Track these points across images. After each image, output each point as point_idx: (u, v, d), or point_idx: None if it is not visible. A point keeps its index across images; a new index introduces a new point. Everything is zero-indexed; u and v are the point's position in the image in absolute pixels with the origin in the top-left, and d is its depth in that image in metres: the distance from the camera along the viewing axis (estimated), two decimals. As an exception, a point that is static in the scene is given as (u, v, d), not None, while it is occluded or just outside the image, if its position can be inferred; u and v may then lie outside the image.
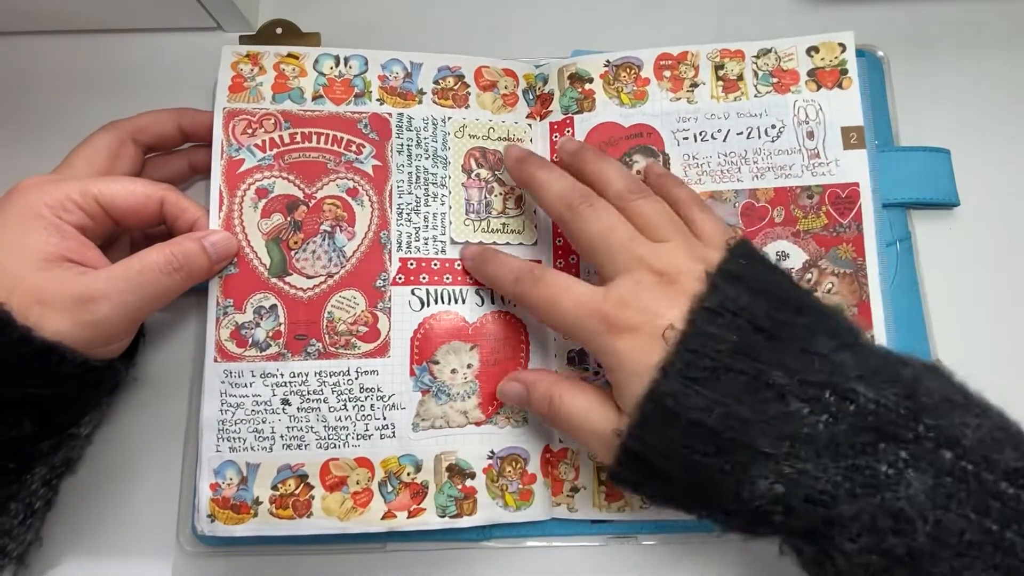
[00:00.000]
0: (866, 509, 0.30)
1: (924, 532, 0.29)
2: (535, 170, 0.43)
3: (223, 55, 0.46)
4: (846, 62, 0.48)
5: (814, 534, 0.31)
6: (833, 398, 0.31)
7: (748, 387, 0.32)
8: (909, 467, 0.30)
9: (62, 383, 0.38)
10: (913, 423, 0.31)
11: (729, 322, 0.33)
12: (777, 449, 0.31)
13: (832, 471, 0.30)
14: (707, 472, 0.32)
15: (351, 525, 0.42)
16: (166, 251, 0.40)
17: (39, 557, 0.44)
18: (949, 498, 0.29)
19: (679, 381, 0.33)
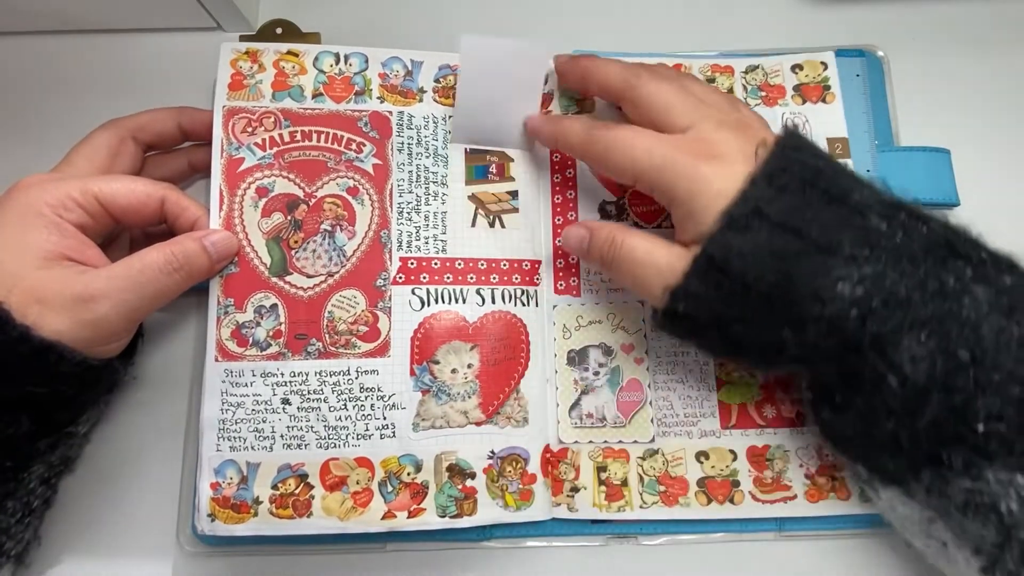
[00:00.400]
0: (936, 314, 0.32)
1: (989, 336, 0.32)
2: (590, 60, 0.44)
3: (222, 52, 0.46)
4: (828, 79, 0.50)
5: (879, 345, 0.33)
6: (908, 218, 0.34)
7: (831, 202, 0.34)
8: (975, 282, 0.33)
9: (60, 382, 0.38)
10: (977, 248, 0.34)
11: (811, 155, 0.36)
12: (859, 252, 0.33)
13: (908, 278, 0.33)
14: (789, 275, 0.34)
15: (351, 525, 0.42)
16: (166, 250, 0.40)
17: (39, 556, 0.44)
18: (1011, 310, 0.32)
19: (768, 189, 0.35)
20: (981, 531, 0.32)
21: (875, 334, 0.33)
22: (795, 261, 0.33)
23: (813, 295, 0.33)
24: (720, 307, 0.36)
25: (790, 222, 0.34)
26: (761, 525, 0.45)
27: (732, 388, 0.46)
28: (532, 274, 0.47)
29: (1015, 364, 0.31)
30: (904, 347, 0.32)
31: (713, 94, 0.41)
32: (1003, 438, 0.31)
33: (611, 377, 0.46)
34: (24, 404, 0.37)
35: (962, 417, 0.32)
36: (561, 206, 0.49)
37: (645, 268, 0.38)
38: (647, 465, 0.45)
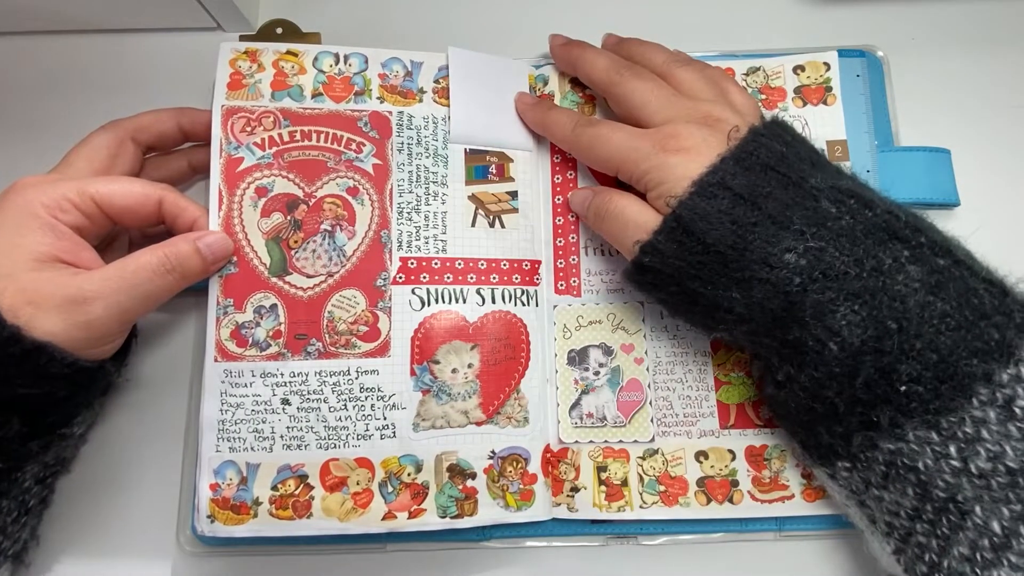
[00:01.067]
0: (868, 287, 0.36)
1: (915, 309, 0.35)
2: (581, 50, 0.48)
3: (221, 52, 0.46)
4: (830, 80, 0.50)
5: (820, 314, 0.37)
6: (856, 204, 0.38)
7: (788, 186, 0.38)
8: (910, 263, 0.37)
9: (51, 383, 0.38)
10: (916, 233, 0.38)
11: (778, 144, 0.40)
12: (807, 228, 0.37)
13: (847, 254, 0.37)
14: (743, 240, 0.38)
15: (351, 526, 0.42)
16: (159, 252, 0.40)
17: (38, 556, 0.44)
18: (938, 288, 0.36)
19: (735, 167, 0.38)
20: (899, 499, 0.36)
21: (815, 302, 0.37)
22: (751, 229, 0.37)
23: (763, 260, 0.37)
24: (681, 263, 0.39)
25: (749, 195, 0.38)
26: (761, 525, 0.45)
27: (730, 388, 0.46)
28: (532, 274, 0.47)
29: (935, 335, 0.35)
30: (840, 314, 0.36)
31: (697, 83, 0.44)
32: (921, 397, 0.35)
33: (611, 377, 0.46)
34: (15, 405, 0.37)
35: (888, 379, 0.36)
36: (561, 206, 0.49)
37: (625, 225, 0.42)
38: (647, 465, 0.45)
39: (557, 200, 0.49)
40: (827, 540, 0.45)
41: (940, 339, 0.35)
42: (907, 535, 0.37)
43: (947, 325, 0.35)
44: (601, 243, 0.48)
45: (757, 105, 0.44)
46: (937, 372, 0.35)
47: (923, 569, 0.36)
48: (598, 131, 0.44)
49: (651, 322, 0.47)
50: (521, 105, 0.49)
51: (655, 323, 0.47)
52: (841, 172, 0.41)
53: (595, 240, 0.48)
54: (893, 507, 0.37)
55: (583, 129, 0.45)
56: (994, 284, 0.37)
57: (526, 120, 0.49)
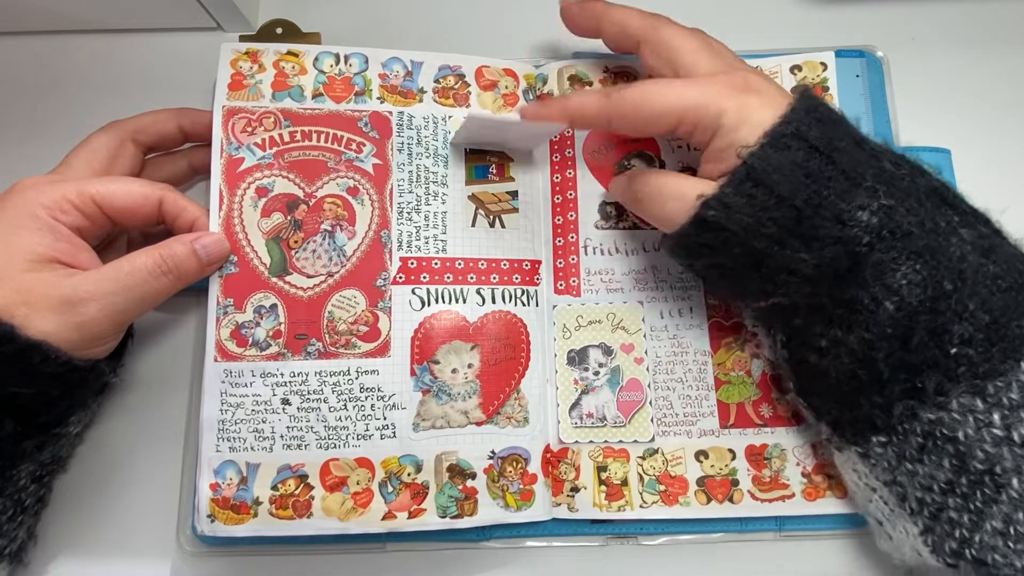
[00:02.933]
0: (929, 246, 0.36)
1: (969, 270, 0.35)
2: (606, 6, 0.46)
3: (222, 52, 0.46)
4: (827, 80, 0.50)
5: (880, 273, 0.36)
6: (910, 170, 0.38)
7: (855, 143, 0.38)
8: (960, 226, 0.37)
9: (45, 382, 0.38)
10: (962, 202, 0.39)
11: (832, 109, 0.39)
12: (878, 185, 0.36)
13: (914, 214, 0.36)
14: (818, 196, 0.36)
15: (351, 525, 0.42)
16: (155, 254, 0.40)
17: (38, 556, 0.44)
18: (989, 251, 0.36)
19: (807, 117, 0.37)
20: (934, 472, 0.36)
21: (878, 260, 0.36)
22: (826, 183, 0.36)
23: (836, 217, 0.36)
24: (750, 220, 0.37)
25: (824, 148, 0.37)
26: (761, 525, 0.45)
27: (730, 388, 0.46)
28: (532, 274, 0.47)
29: (988, 295, 0.35)
30: (901, 273, 0.36)
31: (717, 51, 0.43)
32: (970, 360, 0.35)
33: (611, 377, 0.46)
34: (8, 404, 0.37)
35: (939, 341, 0.35)
36: (561, 206, 0.49)
37: (667, 195, 0.40)
38: (647, 465, 0.45)
39: (557, 200, 0.49)
40: (827, 540, 0.45)
41: (993, 300, 0.35)
42: (938, 511, 0.36)
43: (998, 287, 0.35)
44: (601, 243, 0.48)
45: None
46: (989, 334, 0.35)
47: (952, 546, 0.35)
48: (644, 88, 0.40)
49: (651, 322, 0.47)
50: (531, 112, 0.43)
51: (655, 323, 0.47)
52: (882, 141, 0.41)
53: (595, 239, 0.48)
54: (926, 481, 0.36)
55: (622, 93, 0.40)
56: None
57: (547, 118, 0.43)
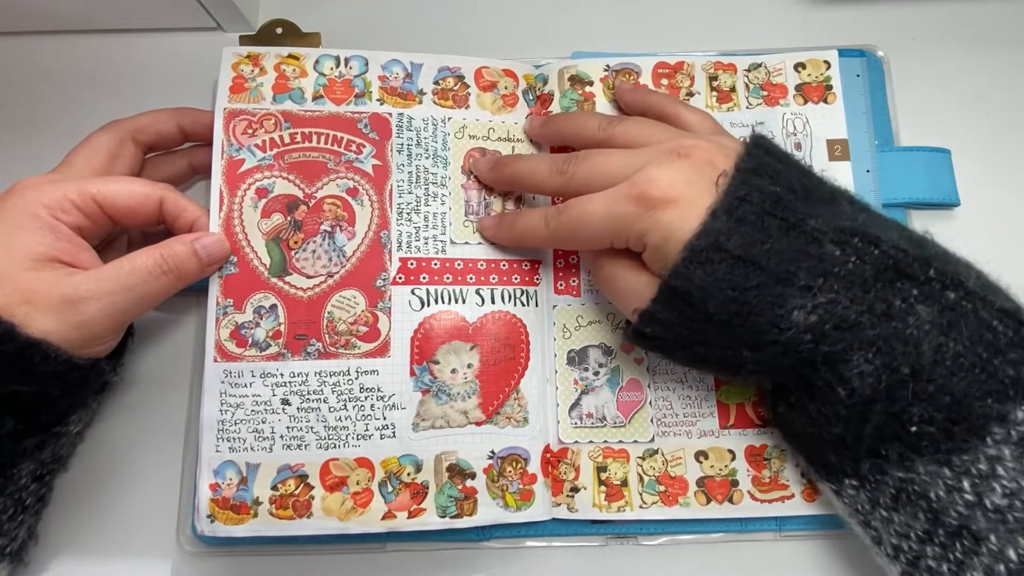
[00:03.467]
0: (882, 334, 0.35)
1: (927, 353, 0.34)
2: (514, 165, 0.45)
3: (224, 56, 0.46)
4: (831, 78, 0.50)
5: (831, 362, 0.35)
6: (860, 243, 0.36)
7: (788, 231, 0.35)
8: (919, 302, 0.35)
9: (45, 381, 0.38)
10: (925, 267, 0.35)
11: (769, 181, 0.36)
12: (813, 283, 0.35)
13: (858, 303, 0.35)
14: (747, 305, 0.35)
15: (351, 525, 0.42)
16: (156, 254, 0.40)
17: (38, 556, 0.44)
18: (950, 327, 0.34)
19: (729, 222, 0.35)
20: (910, 522, 0.35)
21: (827, 353, 0.35)
22: (754, 292, 0.35)
23: (771, 323, 0.35)
24: (683, 331, 0.38)
25: (748, 255, 0.35)
26: (761, 525, 0.45)
27: (730, 388, 0.46)
28: (532, 274, 0.47)
29: (948, 377, 0.34)
30: (853, 364, 0.35)
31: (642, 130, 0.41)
32: (932, 437, 0.34)
33: (611, 377, 0.46)
34: (9, 403, 0.37)
35: (899, 420, 0.35)
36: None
37: (618, 291, 0.40)
38: (647, 465, 0.45)
39: (557, 200, 0.49)
40: (827, 540, 0.45)
41: (953, 381, 0.34)
42: (916, 558, 0.35)
43: (960, 366, 0.34)
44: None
45: (715, 121, 0.43)
46: (950, 414, 0.34)
47: None
48: (571, 213, 0.40)
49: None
50: (487, 231, 0.46)
51: (655, 323, 0.47)
52: (837, 196, 0.39)
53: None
54: (903, 529, 0.36)
55: (557, 220, 0.41)
56: (1008, 314, 0.35)
57: (497, 241, 0.46)
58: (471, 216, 0.47)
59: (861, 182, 0.48)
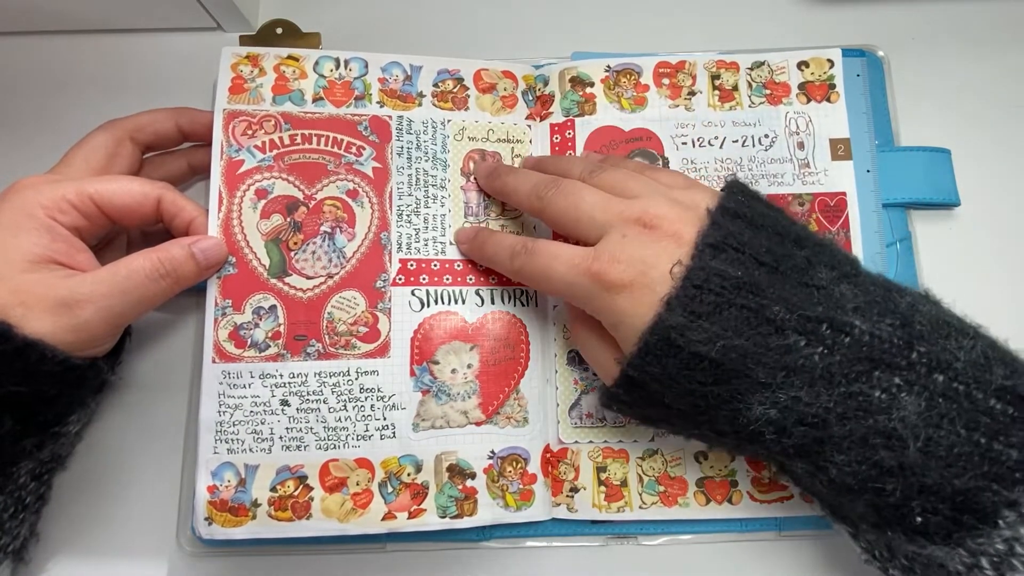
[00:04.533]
0: (857, 430, 0.32)
1: (915, 448, 0.31)
2: (504, 178, 0.44)
3: (223, 56, 0.46)
4: (834, 77, 0.49)
5: (802, 454, 0.33)
6: (829, 331, 0.33)
7: (749, 321, 0.33)
8: (903, 392, 0.32)
9: (42, 381, 0.38)
10: (907, 351, 0.32)
11: (733, 257, 0.34)
12: (773, 379, 0.33)
13: (824, 398, 0.32)
14: (704, 399, 0.34)
15: (351, 526, 0.42)
16: (153, 257, 0.40)
17: (38, 555, 0.44)
18: (941, 417, 0.31)
19: (683, 315, 0.33)
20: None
21: (796, 446, 0.33)
22: (711, 388, 0.34)
23: (730, 417, 0.34)
24: (648, 413, 0.38)
25: (703, 351, 0.33)
26: (761, 525, 0.45)
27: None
28: (532, 275, 0.47)
29: (944, 469, 0.31)
30: (826, 457, 0.33)
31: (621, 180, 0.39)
32: (940, 525, 0.32)
33: (611, 377, 0.46)
34: (7, 403, 0.37)
35: (899, 511, 0.32)
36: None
37: (592, 360, 0.40)
38: (646, 465, 0.45)
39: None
40: (827, 540, 0.45)
41: (950, 472, 0.31)
42: None
43: (956, 458, 0.31)
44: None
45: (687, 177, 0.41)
46: (955, 504, 0.31)
47: None
48: (536, 262, 0.39)
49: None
50: (461, 244, 0.46)
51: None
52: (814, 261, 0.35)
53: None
54: None
55: (521, 262, 0.40)
56: (1006, 391, 0.32)
57: (468, 256, 0.46)
58: (470, 218, 0.47)
59: (861, 182, 0.48)
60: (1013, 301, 0.49)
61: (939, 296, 0.36)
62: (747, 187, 0.38)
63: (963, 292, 0.49)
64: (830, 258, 0.35)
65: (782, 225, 0.36)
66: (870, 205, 0.48)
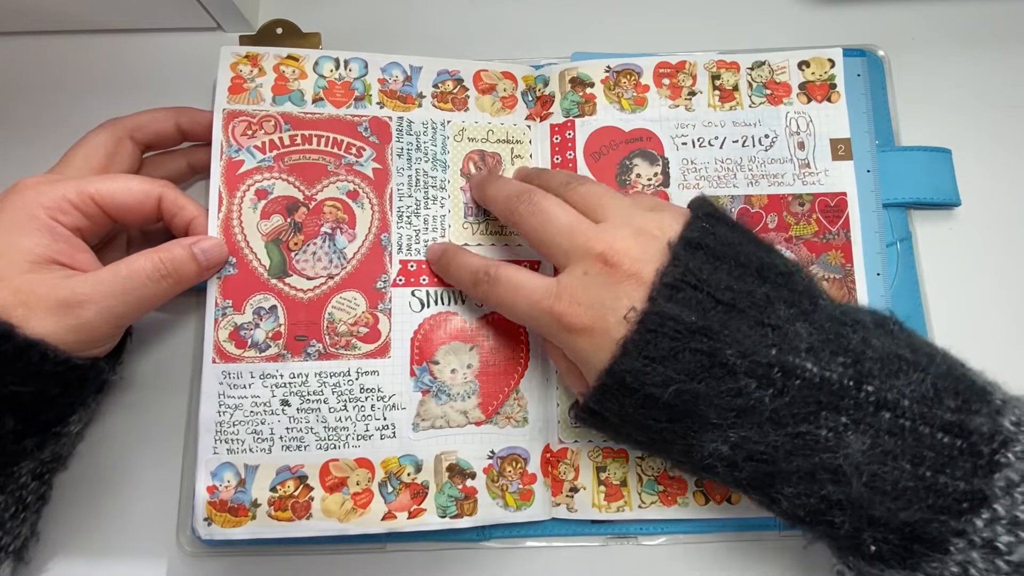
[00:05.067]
0: (804, 466, 0.33)
1: (860, 484, 0.32)
2: (486, 187, 0.44)
3: (222, 56, 0.46)
4: (835, 77, 0.49)
5: (756, 484, 0.34)
6: (780, 375, 0.33)
7: (702, 364, 0.34)
8: (849, 431, 0.32)
9: (44, 381, 0.38)
10: (855, 390, 0.33)
11: (689, 297, 0.34)
12: (724, 420, 0.34)
13: (772, 437, 0.33)
14: (659, 434, 0.36)
15: (351, 526, 0.42)
16: (154, 257, 0.40)
17: (38, 555, 0.44)
18: (885, 454, 0.32)
19: (638, 359, 0.34)
20: None
21: (747, 479, 0.34)
22: (665, 426, 0.35)
23: (684, 452, 0.35)
24: (615, 437, 0.40)
25: (656, 394, 0.34)
26: (761, 525, 0.45)
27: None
28: (532, 275, 0.47)
29: (891, 502, 0.32)
30: (777, 489, 0.34)
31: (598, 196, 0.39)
32: (893, 553, 0.32)
33: (611, 377, 0.46)
34: (8, 403, 0.37)
35: (851, 540, 0.33)
36: (561, 207, 0.49)
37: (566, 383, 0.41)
38: (646, 465, 0.45)
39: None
40: (826, 540, 0.45)
41: (896, 505, 0.32)
42: None
43: (902, 492, 0.32)
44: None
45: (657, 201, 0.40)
46: (904, 534, 0.32)
47: None
48: (497, 291, 0.40)
49: None
50: (431, 259, 0.45)
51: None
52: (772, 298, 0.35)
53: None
54: None
55: (485, 289, 0.41)
56: (953, 426, 0.32)
57: (435, 267, 0.45)
58: (470, 218, 0.47)
59: (862, 182, 0.48)
60: (1013, 301, 0.49)
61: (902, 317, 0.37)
62: (713, 208, 0.38)
63: (963, 292, 0.49)
64: (789, 293, 0.36)
65: (745, 254, 0.36)
66: (870, 205, 0.47)
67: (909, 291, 0.48)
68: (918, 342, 0.35)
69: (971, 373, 0.35)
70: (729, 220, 0.38)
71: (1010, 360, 0.48)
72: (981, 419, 0.32)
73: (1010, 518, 0.31)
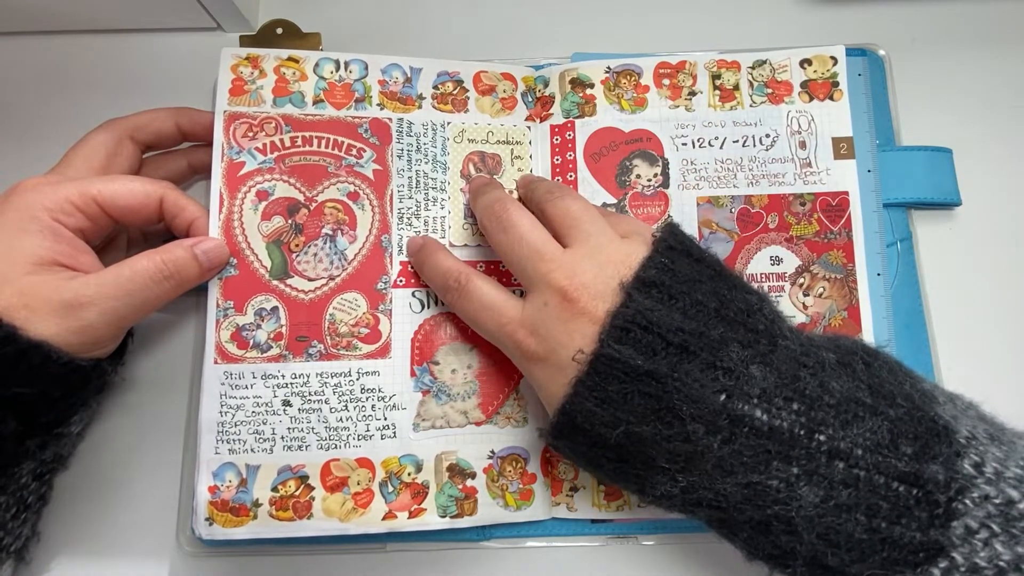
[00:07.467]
0: (756, 516, 0.32)
1: (812, 536, 0.31)
2: (480, 194, 0.43)
3: (223, 57, 0.46)
4: (837, 75, 0.49)
5: (711, 524, 0.35)
6: (728, 423, 0.32)
7: (651, 407, 0.33)
8: (801, 481, 0.32)
9: (46, 383, 0.38)
10: (808, 439, 0.32)
11: (638, 339, 0.34)
12: (673, 464, 0.33)
13: (721, 486, 0.32)
14: (613, 471, 0.36)
15: (351, 526, 0.42)
16: (156, 259, 0.40)
17: (39, 555, 0.44)
18: (839, 507, 0.31)
19: (589, 399, 0.34)
20: None
21: (703, 520, 0.35)
22: (617, 464, 0.35)
23: (637, 489, 0.36)
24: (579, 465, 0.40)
25: (606, 437, 0.34)
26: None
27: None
28: (532, 275, 0.47)
29: (845, 553, 0.31)
30: (732, 532, 0.34)
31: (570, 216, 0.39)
32: None
33: (611, 378, 0.46)
34: (10, 404, 0.37)
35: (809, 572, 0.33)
36: (561, 207, 0.49)
37: None
38: (646, 465, 0.45)
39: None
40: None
41: (850, 557, 0.31)
42: None
43: (856, 544, 0.31)
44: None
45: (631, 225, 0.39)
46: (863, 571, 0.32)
47: None
48: (466, 308, 0.40)
49: None
50: (409, 253, 0.45)
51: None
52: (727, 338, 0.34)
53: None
54: None
55: (454, 298, 0.41)
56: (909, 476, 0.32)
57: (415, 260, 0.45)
58: (470, 219, 0.47)
59: (863, 181, 0.48)
60: (1013, 301, 0.49)
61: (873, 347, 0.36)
62: (679, 239, 0.37)
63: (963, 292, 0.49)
64: (746, 333, 0.34)
65: (704, 291, 0.35)
66: (871, 205, 0.47)
67: (909, 291, 0.48)
68: (881, 380, 0.34)
69: (937, 409, 0.34)
70: (695, 252, 0.37)
71: (1011, 360, 0.48)
72: (936, 467, 0.31)
73: (969, 565, 0.31)
